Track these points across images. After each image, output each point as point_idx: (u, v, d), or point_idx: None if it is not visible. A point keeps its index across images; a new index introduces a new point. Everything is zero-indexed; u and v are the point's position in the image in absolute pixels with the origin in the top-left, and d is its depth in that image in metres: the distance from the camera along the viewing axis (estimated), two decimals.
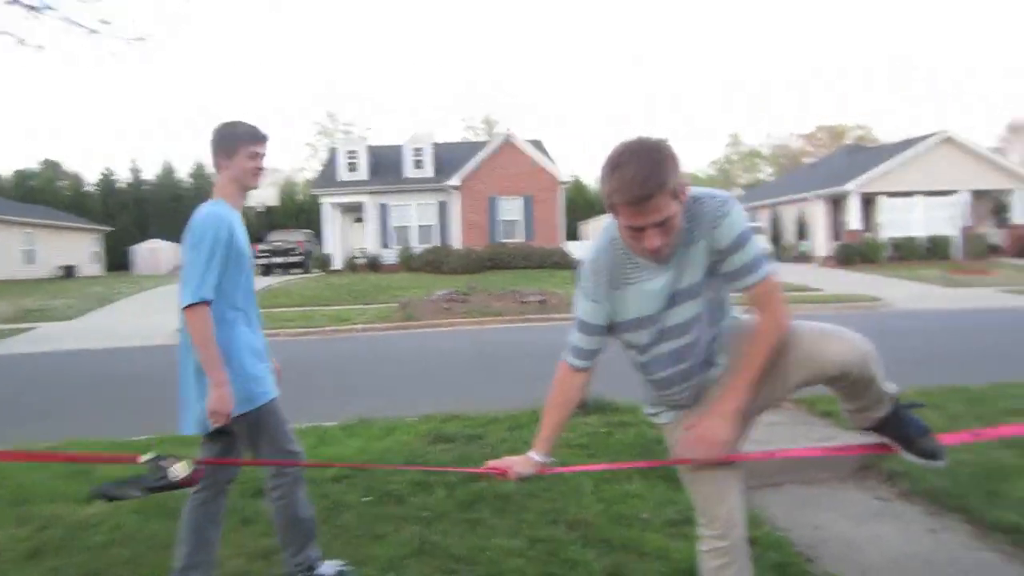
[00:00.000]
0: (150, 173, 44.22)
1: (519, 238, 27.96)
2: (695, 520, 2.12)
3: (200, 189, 41.09)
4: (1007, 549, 3.09)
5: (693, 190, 1.80)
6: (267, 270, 28.98)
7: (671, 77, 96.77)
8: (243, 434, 2.67)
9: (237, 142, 2.68)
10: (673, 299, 1.88)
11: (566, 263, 24.90)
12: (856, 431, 2.22)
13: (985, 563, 3.00)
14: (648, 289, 1.87)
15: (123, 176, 44.11)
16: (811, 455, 3.61)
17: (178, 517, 3.28)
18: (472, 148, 30.99)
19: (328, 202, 30.21)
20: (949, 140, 27.27)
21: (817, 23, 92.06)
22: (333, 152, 33.03)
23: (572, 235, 34.59)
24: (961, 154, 27.29)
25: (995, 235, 28.60)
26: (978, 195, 27.61)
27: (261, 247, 29.32)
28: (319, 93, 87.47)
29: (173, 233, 39.01)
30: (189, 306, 2.49)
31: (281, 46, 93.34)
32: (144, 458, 1.76)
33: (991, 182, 27.67)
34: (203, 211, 2.62)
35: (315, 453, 4.39)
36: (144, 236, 39.12)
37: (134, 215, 41.56)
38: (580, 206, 39.45)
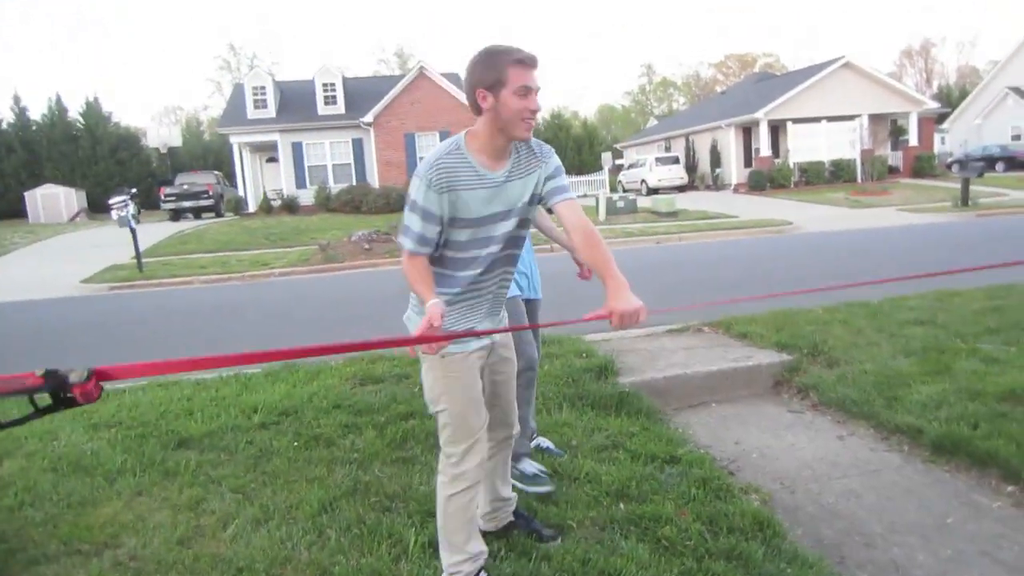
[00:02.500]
0: (36, 112, 40.24)
1: None
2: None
3: (96, 129, 37.96)
4: (905, 448, 3.34)
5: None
6: (176, 215, 27.45)
7: (585, 7, 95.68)
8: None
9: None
10: (508, 212, 2.15)
11: None
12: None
13: (886, 462, 3.24)
14: (486, 195, 2.11)
15: (2, 115, 40.13)
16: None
17: (94, 474, 3.21)
18: (385, 82, 29.98)
19: (237, 142, 28.81)
20: (848, 65, 28.15)
21: None
22: (239, 88, 31.29)
23: None
24: (859, 79, 28.26)
25: (893, 157, 30.05)
26: (876, 119, 28.82)
27: (168, 191, 27.55)
28: (219, 23, 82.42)
29: (70, 177, 36.15)
30: None
31: None
32: (40, 372, 1.69)
33: (888, 106, 28.87)
34: None
35: (239, 401, 4.29)
36: (36, 181, 35.88)
37: (22, 158, 37.95)
38: None
